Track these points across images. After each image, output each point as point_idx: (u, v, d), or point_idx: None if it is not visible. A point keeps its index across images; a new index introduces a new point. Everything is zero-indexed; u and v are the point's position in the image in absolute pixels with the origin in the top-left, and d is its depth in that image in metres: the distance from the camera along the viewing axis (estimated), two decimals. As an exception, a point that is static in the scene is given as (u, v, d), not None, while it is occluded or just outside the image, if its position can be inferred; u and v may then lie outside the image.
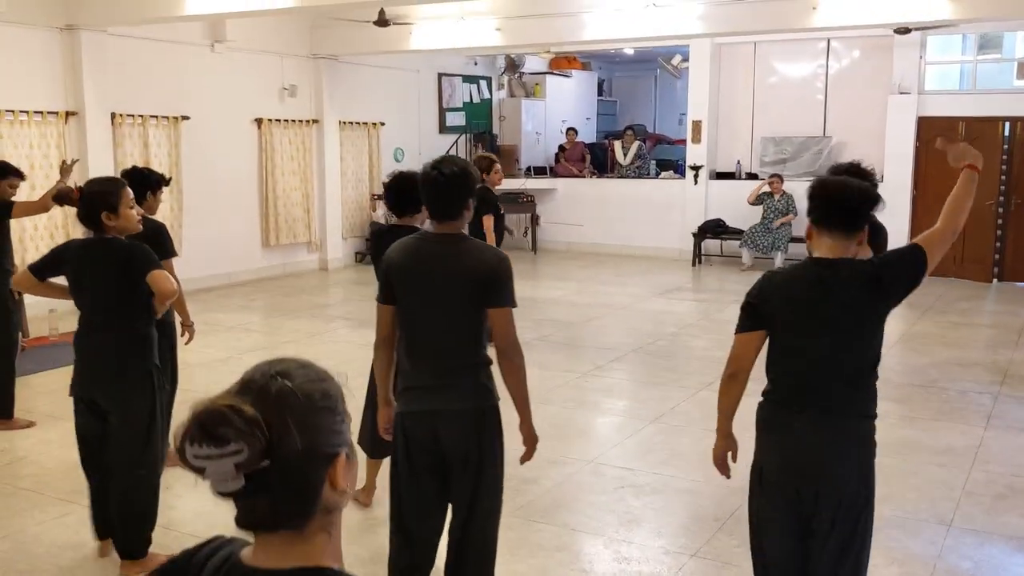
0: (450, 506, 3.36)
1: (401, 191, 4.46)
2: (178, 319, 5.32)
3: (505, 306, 3.18)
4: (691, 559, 4.26)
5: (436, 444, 3.22)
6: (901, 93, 12.60)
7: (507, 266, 3.20)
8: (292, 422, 1.26)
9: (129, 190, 4.12)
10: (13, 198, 6.33)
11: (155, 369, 4.10)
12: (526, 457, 3.36)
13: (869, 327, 2.89)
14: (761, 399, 3.00)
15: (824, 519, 2.85)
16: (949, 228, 2.91)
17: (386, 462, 4.86)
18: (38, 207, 6.27)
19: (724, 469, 3.13)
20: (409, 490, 3.32)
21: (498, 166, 7.75)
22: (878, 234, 4.35)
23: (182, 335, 5.35)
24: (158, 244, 5.10)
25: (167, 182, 5.42)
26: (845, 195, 2.86)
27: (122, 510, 4.07)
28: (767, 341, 2.97)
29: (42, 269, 4.15)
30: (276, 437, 1.24)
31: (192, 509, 4.82)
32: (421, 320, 3.23)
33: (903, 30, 11.95)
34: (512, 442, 3.38)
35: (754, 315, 2.93)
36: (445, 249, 3.20)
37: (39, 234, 9.81)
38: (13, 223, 9.32)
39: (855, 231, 2.87)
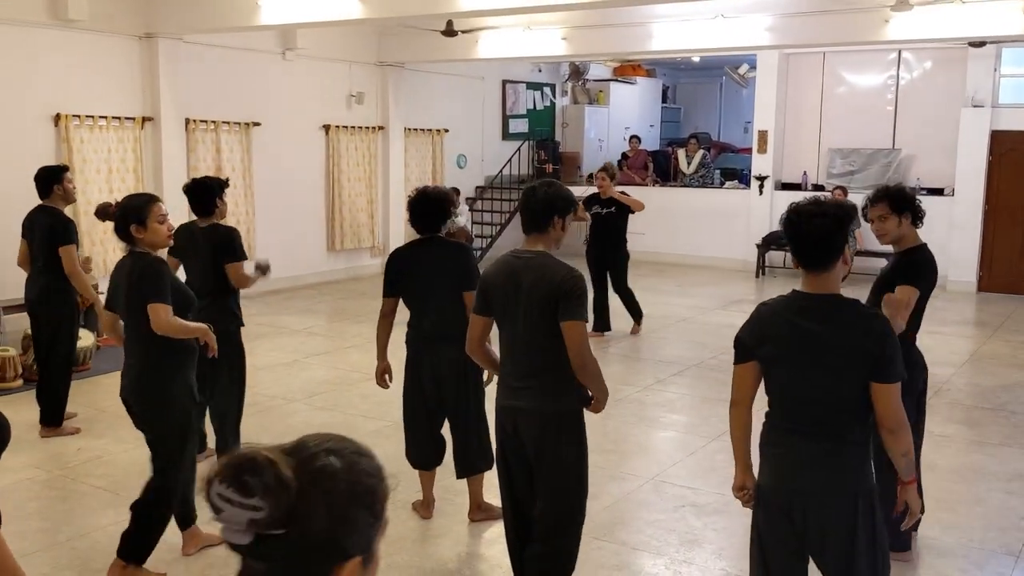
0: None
1: (423, 210, 4.60)
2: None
3: (573, 319, 3.44)
4: (752, 583, 4.24)
5: (517, 438, 3.62)
6: (974, 106, 12.33)
7: (578, 282, 3.47)
8: (324, 503, 1.19)
9: (160, 205, 4.16)
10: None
11: (177, 388, 4.12)
12: (592, 405, 3.71)
13: (850, 376, 2.84)
14: (764, 420, 3.07)
15: (814, 541, 2.91)
16: (902, 430, 2.83)
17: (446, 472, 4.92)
18: (81, 282, 6.19)
19: (745, 500, 3.11)
20: (501, 475, 3.78)
21: (601, 174, 9.19)
22: (919, 272, 4.09)
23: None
24: (228, 249, 5.31)
25: (227, 184, 5.68)
26: (808, 233, 2.82)
27: (137, 513, 4.15)
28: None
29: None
30: (302, 510, 1.17)
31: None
32: (508, 327, 3.60)
33: (978, 42, 11.71)
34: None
35: (743, 348, 2.99)
36: (528, 263, 3.53)
37: (107, 237, 10.08)
38: (84, 230, 9.70)
39: (829, 266, 2.84)
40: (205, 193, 5.38)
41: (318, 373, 7.97)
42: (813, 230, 2.81)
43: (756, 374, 2.99)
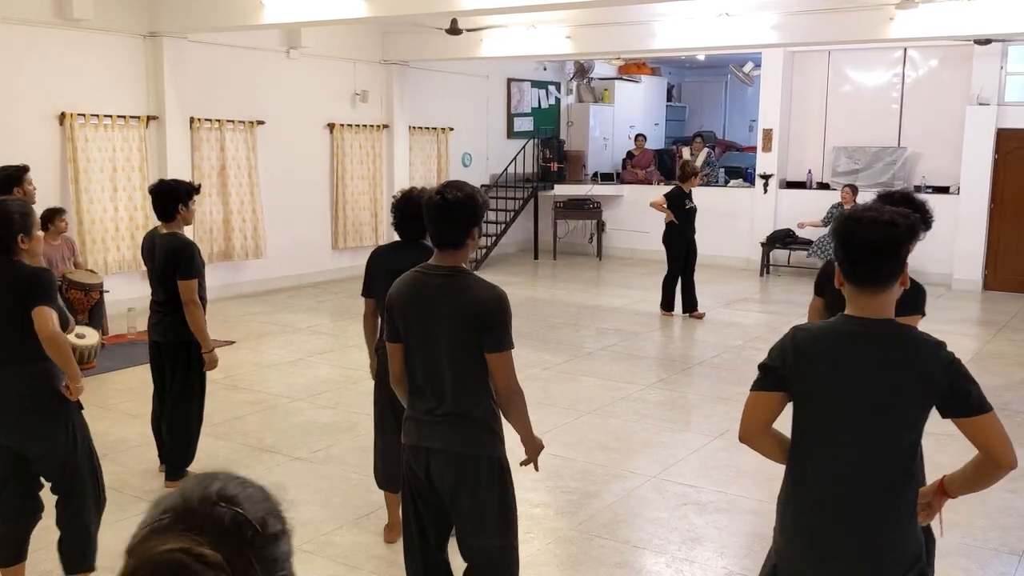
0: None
1: (406, 216, 4.30)
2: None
3: (501, 350, 3.01)
4: (754, 581, 4.24)
5: (428, 481, 3.14)
6: (980, 104, 12.30)
7: (502, 305, 3.03)
8: (253, 558, 1.08)
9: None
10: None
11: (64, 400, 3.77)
12: (527, 461, 3.28)
13: (916, 417, 2.40)
14: (782, 489, 2.59)
15: None
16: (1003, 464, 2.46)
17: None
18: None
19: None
20: (407, 526, 3.29)
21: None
22: (917, 298, 3.57)
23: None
24: (180, 263, 5.01)
25: (198, 190, 5.28)
26: (869, 244, 2.38)
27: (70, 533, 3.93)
28: (792, 414, 2.56)
29: None
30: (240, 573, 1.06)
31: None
32: (419, 357, 3.11)
33: (983, 40, 11.68)
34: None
35: (773, 375, 2.50)
36: (443, 283, 3.06)
37: (120, 235, 10.12)
38: (85, 228, 9.66)
39: (889, 285, 2.42)
40: (168, 198, 5.09)
41: (322, 371, 7.98)
42: (877, 240, 2.36)
43: (779, 408, 2.52)
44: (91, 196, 9.79)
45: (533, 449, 3.26)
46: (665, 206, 10.39)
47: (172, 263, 5.04)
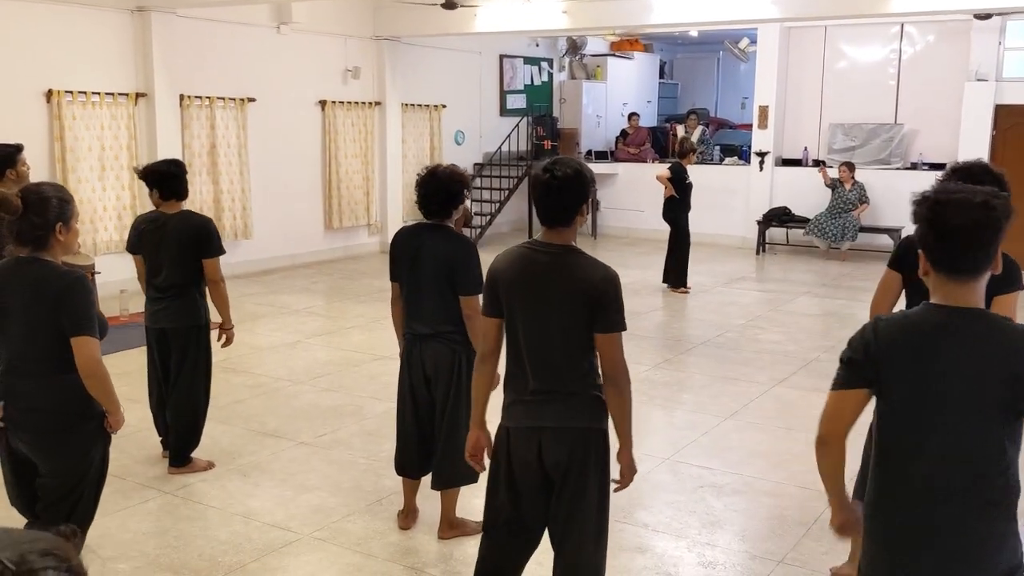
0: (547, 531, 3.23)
1: (429, 193, 4.18)
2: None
3: (615, 331, 2.98)
4: (779, 565, 4.15)
5: (540, 462, 3.08)
6: (978, 80, 12.22)
7: (616, 287, 2.99)
8: None
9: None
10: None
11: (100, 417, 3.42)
12: (621, 485, 3.12)
13: (1000, 422, 2.19)
14: (867, 495, 2.41)
15: None
16: None
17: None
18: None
19: (854, 531, 2.57)
20: (505, 506, 3.19)
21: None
22: (1011, 272, 3.11)
23: (219, 339, 5.21)
24: (207, 241, 4.95)
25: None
26: (960, 229, 2.16)
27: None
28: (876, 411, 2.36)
29: None
30: None
31: (272, 497, 4.83)
32: (526, 334, 3.06)
33: (983, 15, 11.58)
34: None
35: (856, 369, 2.31)
36: (553, 261, 3.02)
37: (108, 215, 9.93)
38: (77, 201, 9.46)
39: (982, 272, 2.22)
40: (181, 176, 4.99)
41: (321, 354, 7.84)
42: (972, 225, 2.14)
43: (863, 405, 2.33)
44: (79, 176, 9.58)
45: (629, 471, 3.10)
46: (668, 178, 10.37)
47: (195, 243, 4.94)
